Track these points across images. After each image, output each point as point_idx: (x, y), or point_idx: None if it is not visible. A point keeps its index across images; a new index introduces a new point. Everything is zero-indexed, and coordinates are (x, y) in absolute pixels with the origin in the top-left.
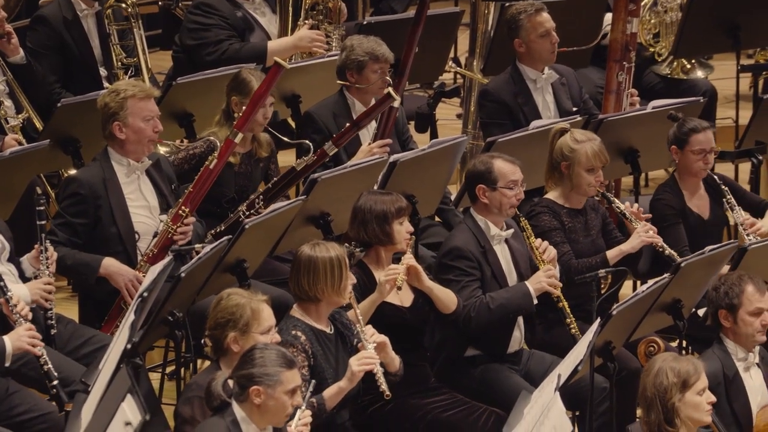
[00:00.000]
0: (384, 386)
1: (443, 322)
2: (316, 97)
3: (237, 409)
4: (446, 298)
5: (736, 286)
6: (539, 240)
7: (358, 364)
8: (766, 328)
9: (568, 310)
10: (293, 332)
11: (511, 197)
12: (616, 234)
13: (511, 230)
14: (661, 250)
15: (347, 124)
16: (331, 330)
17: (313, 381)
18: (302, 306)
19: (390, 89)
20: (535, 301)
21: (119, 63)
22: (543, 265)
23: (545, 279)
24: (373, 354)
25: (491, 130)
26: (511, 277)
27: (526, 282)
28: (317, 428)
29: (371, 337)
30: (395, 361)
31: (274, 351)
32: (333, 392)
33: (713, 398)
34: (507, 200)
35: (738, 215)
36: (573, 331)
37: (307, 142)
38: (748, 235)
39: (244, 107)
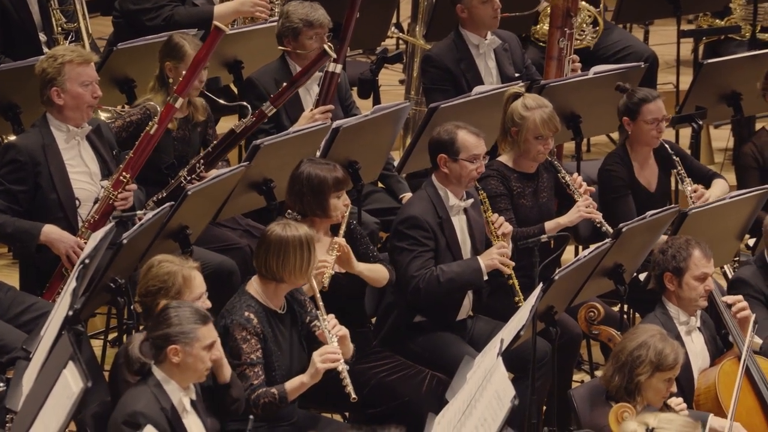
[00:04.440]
0: (350, 388)
1: (396, 287)
2: (258, 63)
3: (157, 371)
4: (377, 276)
5: (684, 250)
6: (496, 215)
7: (321, 361)
8: (708, 293)
9: (518, 288)
10: (246, 314)
11: (471, 170)
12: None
13: (471, 200)
14: (599, 225)
15: (284, 84)
16: (283, 309)
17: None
18: (262, 282)
19: (325, 46)
20: (486, 277)
21: (59, 28)
22: (497, 240)
23: (497, 256)
24: (336, 350)
25: (434, 96)
26: (465, 247)
27: (478, 257)
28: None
29: (333, 329)
30: (350, 350)
31: (188, 308)
32: (295, 386)
33: (675, 389)
34: (467, 173)
35: (687, 187)
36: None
37: (245, 103)
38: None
39: (183, 72)
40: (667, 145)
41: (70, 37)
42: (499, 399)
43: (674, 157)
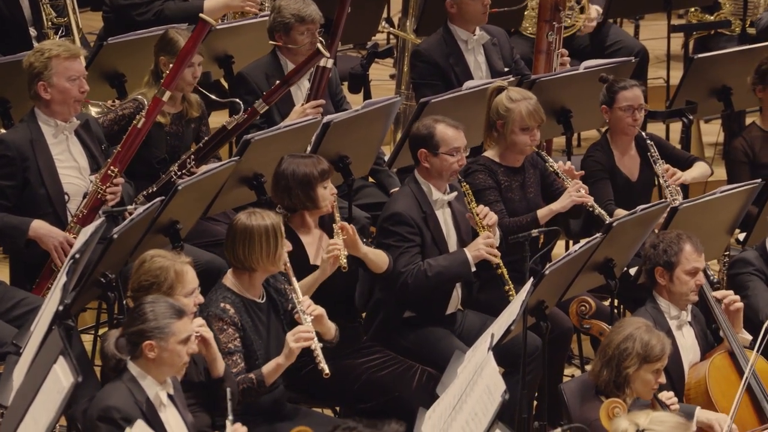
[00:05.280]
0: (323, 364)
1: (384, 284)
2: (249, 58)
3: (132, 367)
4: (380, 260)
5: (675, 245)
6: (481, 206)
7: (294, 340)
8: (699, 288)
9: (507, 277)
10: (222, 305)
11: (452, 163)
12: (557, 186)
13: (455, 193)
14: (591, 209)
15: (277, 82)
16: (262, 298)
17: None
18: (236, 273)
19: (319, 45)
20: (473, 269)
21: (49, 23)
22: (482, 231)
23: (483, 247)
24: (310, 329)
25: (423, 91)
26: (451, 241)
27: (464, 249)
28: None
29: (308, 309)
30: (331, 330)
31: (163, 303)
32: (271, 368)
33: (664, 380)
34: (448, 166)
35: (659, 167)
36: (511, 298)
37: (237, 100)
38: (668, 186)
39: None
40: (642, 132)
41: (60, 31)
42: (490, 393)
43: (648, 141)
